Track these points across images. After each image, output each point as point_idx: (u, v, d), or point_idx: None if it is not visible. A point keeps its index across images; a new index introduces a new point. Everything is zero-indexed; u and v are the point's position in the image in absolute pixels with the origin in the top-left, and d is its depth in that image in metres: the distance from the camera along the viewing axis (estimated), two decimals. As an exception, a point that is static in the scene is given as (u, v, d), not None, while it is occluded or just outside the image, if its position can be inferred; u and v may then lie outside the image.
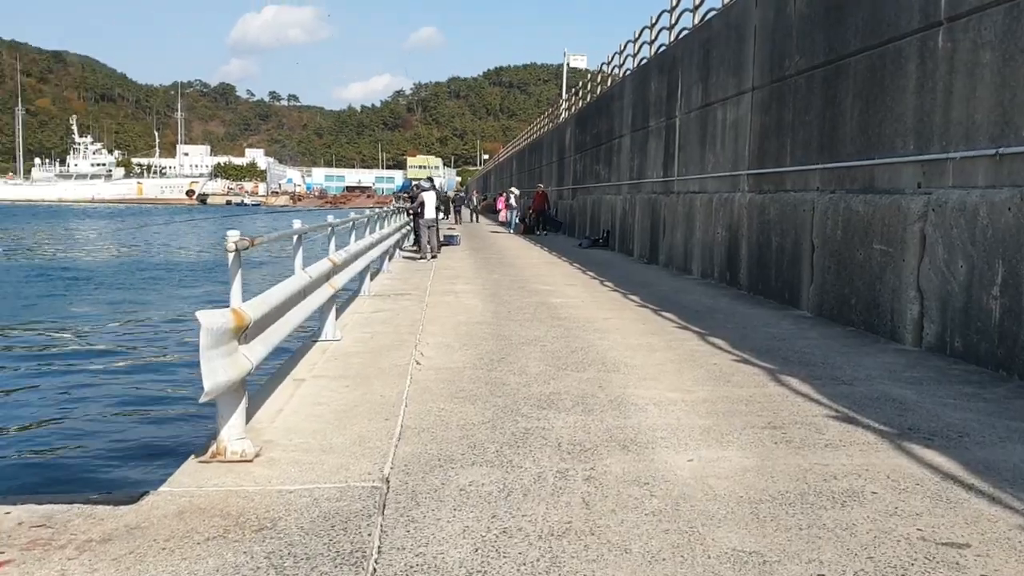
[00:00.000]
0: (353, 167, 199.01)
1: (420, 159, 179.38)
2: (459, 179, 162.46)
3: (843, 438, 5.62)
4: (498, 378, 7.32)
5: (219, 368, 4.64)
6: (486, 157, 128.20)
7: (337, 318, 10.46)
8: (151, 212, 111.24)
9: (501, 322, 10.54)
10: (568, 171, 35.36)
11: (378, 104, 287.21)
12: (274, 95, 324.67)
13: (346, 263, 9.65)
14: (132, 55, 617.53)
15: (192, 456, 5.12)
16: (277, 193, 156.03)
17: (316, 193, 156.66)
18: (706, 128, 16.38)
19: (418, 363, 7.93)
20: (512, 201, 40.00)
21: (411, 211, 21.69)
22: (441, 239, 25.02)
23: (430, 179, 24.55)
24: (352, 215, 12.07)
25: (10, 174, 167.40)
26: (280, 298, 5.93)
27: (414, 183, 24.43)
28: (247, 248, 5.15)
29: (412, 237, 23.15)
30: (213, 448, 5.10)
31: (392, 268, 18.25)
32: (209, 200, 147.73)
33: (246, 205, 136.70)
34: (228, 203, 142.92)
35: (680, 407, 6.40)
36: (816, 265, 11.36)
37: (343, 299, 13.96)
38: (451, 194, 40.55)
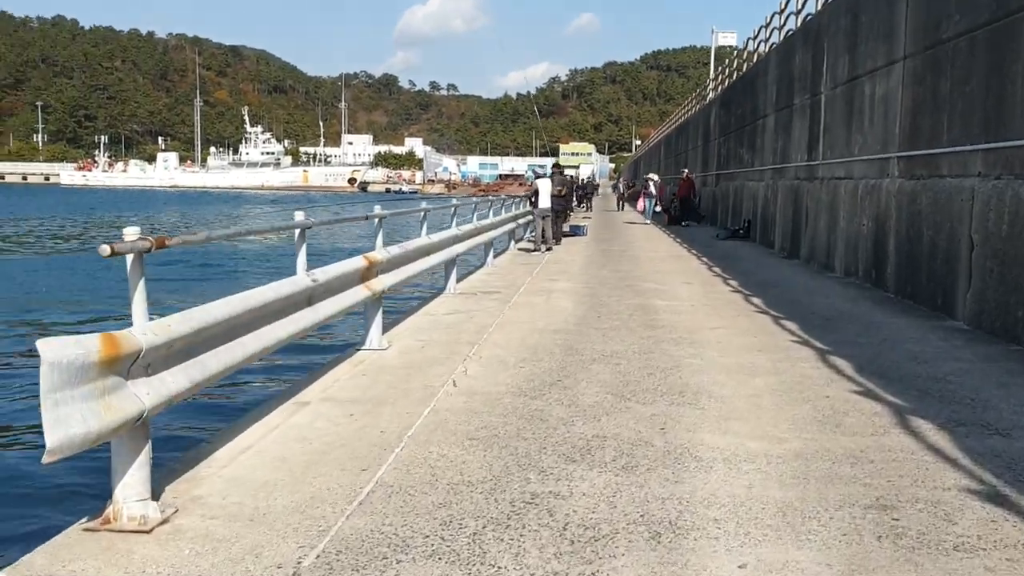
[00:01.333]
0: (508, 155, 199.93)
1: (573, 146, 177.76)
2: (612, 166, 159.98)
3: (984, 535, 3.86)
4: (539, 410, 5.88)
5: (76, 415, 3.43)
6: (638, 143, 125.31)
7: (403, 321, 9.32)
8: (313, 199, 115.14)
9: (582, 330, 9.05)
10: (712, 155, 33.10)
11: (533, 91, 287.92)
12: (434, 85, 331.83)
13: (397, 260, 8.38)
14: (303, 49, 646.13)
15: (81, 520, 3.97)
16: (433, 181, 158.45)
17: (470, 181, 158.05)
18: (852, 105, 14.18)
19: (455, 384, 6.58)
20: (652, 189, 37.98)
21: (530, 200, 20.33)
22: (566, 229, 23.62)
23: (556, 165, 23.16)
24: (423, 204, 10.82)
25: (189, 162, 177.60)
26: (230, 312, 4.69)
27: (532, 170, 23.07)
28: (149, 251, 3.92)
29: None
30: (108, 511, 3.93)
31: (499, 261, 17.00)
32: (369, 188, 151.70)
33: (403, 193, 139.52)
34: (387, 191, 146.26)
35: (759, 466, 4.77)
36: (975, 266, 9.23)
37: (422, 297, 12.87)
38: (584, 180, 38.53)
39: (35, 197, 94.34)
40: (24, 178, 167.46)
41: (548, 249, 18.95)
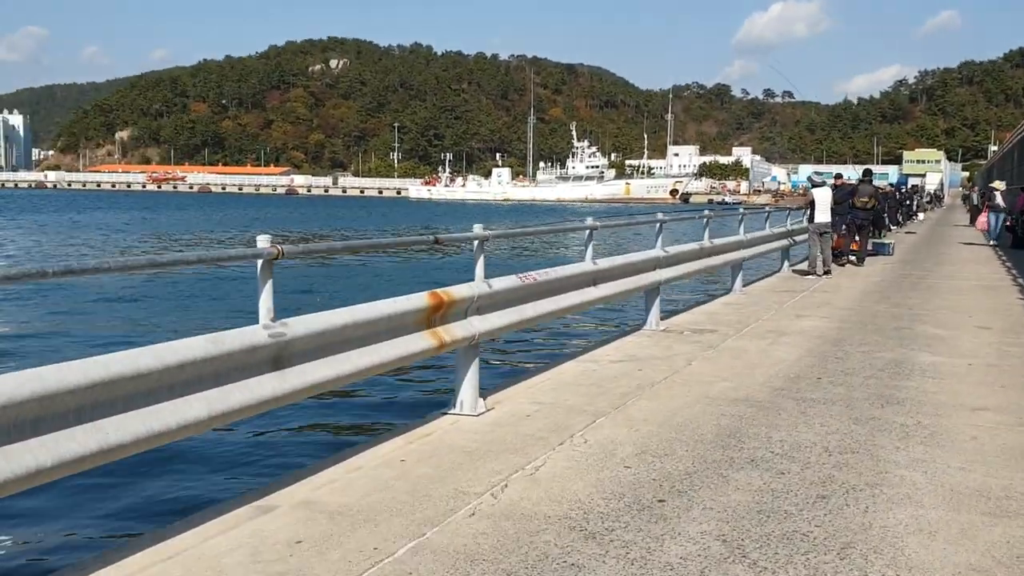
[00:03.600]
0: (845, 163, 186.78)
1: (918, 152, 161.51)
2: (965, 174, 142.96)
3: None
4: (578, 565, 3.60)
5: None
6: (993, 148, 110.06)
7: (548, 370, 7.30)
8: (632, 211, 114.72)
9: (777, 401, 6.42)
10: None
11: (876, 96, 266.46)
12: (768, 92, 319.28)
13: (500, 297, 6.28)
14: (637, 63, 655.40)
15: None
16: (759, 191, 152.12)
17: (800, 191, 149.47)
18: None
19: (497, 494, 4.45)
20: (998, 200, 31.86)
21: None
22: (869, 247, 19.93)
23: (866, 172, 19.70)
24: (589, 221, 8.53)
25: (520, 176, 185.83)
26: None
27: (809, 177, 19.66)
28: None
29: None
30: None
31: (754, 287, 14.21)
32: (692, 199, 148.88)
33: (727, 204, 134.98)
34: (710, 201, 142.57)
35: None
36: None
37: (614, 331, 10.63)
38: (890, 190, 33.03)
39: (388, 209, 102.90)
40: (380, 192, 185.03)
41: (826, 273, 15.71)
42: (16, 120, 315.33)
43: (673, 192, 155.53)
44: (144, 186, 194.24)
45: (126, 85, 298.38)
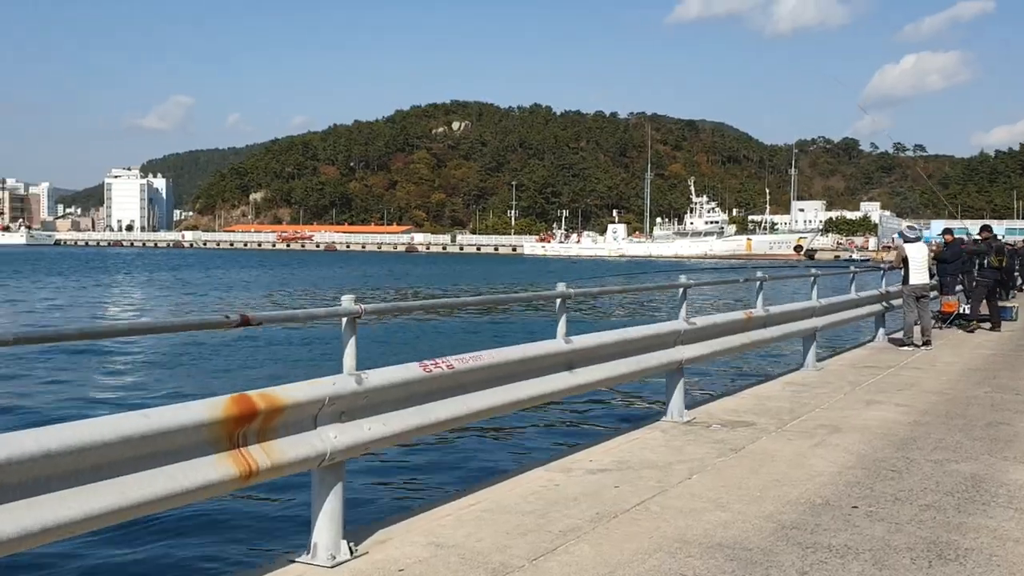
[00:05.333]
0: (982, 217, 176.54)
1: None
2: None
3: None
4: None
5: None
6: None
7: (497, 485, 5.63)
8: (752, 268, 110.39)
9: (774, 548, 4.49)
10: None
11: (1016, 147, 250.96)
12: (899, 146, 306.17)
13: (385, 395, 4.61)
14: (760, 118, 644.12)
15: None
16: (888, 247, 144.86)
17: (932, 247, 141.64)
18: None
19: None
20: None
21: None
22: (981, 311, 17.30)
23: (986, 228, 17.31)
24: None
25: (637, 232, 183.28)
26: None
27: (901, 231, 17.25)
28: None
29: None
30: None
31: (834, 362, 12.02)
32: (817, 255, 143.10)
33: (852, 261, 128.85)
34: (836, 258, 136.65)
35: None
36: None
37: (618, 421, 8.70)
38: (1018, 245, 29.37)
39: (499, 265, 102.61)
40: (496, 249, 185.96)
41: (925, 343, 13.30)
42: (160, 183, 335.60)
43: (797, 248, 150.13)
44: (274, 245, 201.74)
45: (261, 150, 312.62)
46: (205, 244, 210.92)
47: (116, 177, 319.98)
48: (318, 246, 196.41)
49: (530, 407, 6.32)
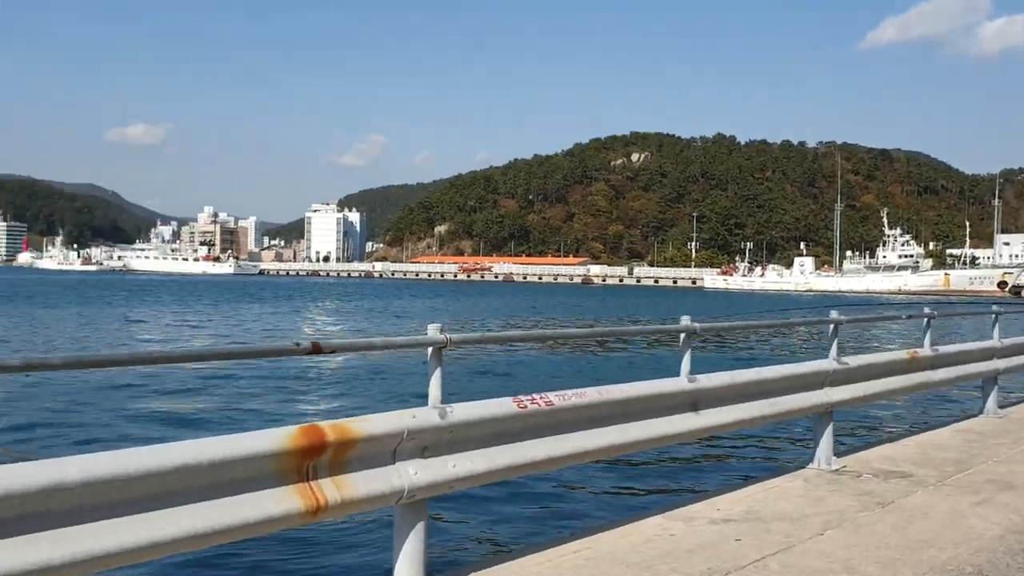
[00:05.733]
0: None
1: None
2: None
3: None
4: None
5: None
6: None
7: (618, 526, 5.37)
8: (954, 304, 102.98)
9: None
10: None
11: None
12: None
13: (471, 432, 4.41)
14: (960, 147, 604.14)
15: None
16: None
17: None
18: None
19: None
20: None
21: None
22: None
23: None
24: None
25: (826, 266, 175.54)
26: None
27: None
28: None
29: None
30: None
31: (1019, 409, 10.79)
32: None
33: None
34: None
35: None
36: None
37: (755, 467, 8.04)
38: None
39: (671, 299, 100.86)
40: (674, 282, 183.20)
41: None
42: (354, 217, 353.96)
43: (1001, 284, 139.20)
44: (455, 275, 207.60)
45: (446, 184, 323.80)
46: (393, 274, 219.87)
47: (315, 211, 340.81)
48: (496, 277, 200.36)
49: (644, 449, 5.94)
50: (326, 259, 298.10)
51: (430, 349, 4.31)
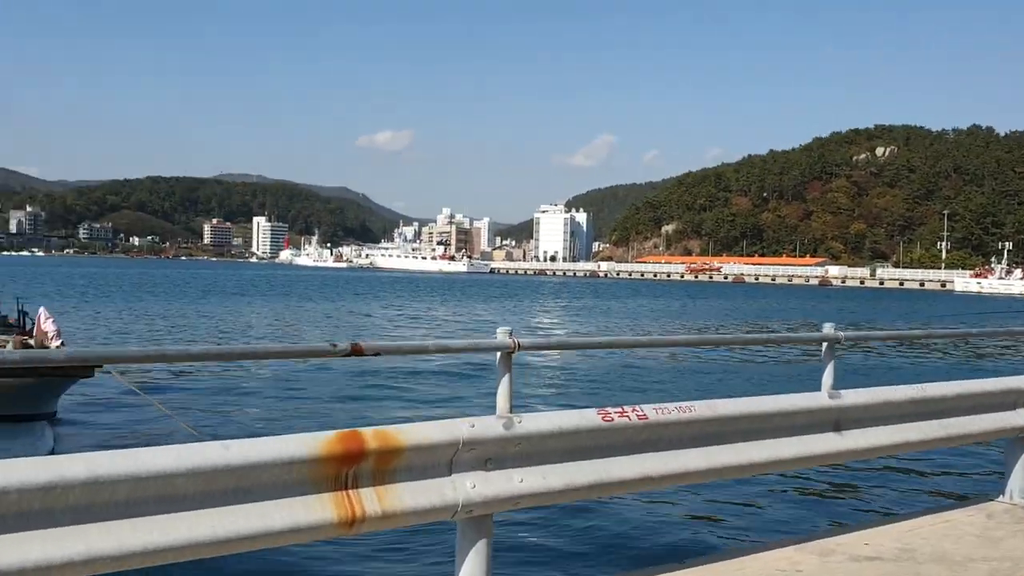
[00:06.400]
0: None
1: None
2: None
3: None
4: None
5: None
6: None
7: (741, 555, 4.93)
8: None
9: None
10: None
11: None
12: None
13: (545, 444, 4.02)
14: None
15: None
16: None
17: None
18: None
19: None
20: None
21: None
22: None
23: None
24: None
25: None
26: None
27: None
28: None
29: None
30: None
31: None
32: None
33: None
34: None
35: None
36: None
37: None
38: None
39: (922, 302, 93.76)
40: (921, 284, 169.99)
41: None
42: (581, 217, 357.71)
43: None
44: (682, 276, 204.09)
45: (674, 183, 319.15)
46: (618, 274, 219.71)
47: (543, 212, 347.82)
48: (726, 278, 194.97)
49: (765, 473, 5.31)
50: (553, 258, 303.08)
51: (498, 354, 4.01)
